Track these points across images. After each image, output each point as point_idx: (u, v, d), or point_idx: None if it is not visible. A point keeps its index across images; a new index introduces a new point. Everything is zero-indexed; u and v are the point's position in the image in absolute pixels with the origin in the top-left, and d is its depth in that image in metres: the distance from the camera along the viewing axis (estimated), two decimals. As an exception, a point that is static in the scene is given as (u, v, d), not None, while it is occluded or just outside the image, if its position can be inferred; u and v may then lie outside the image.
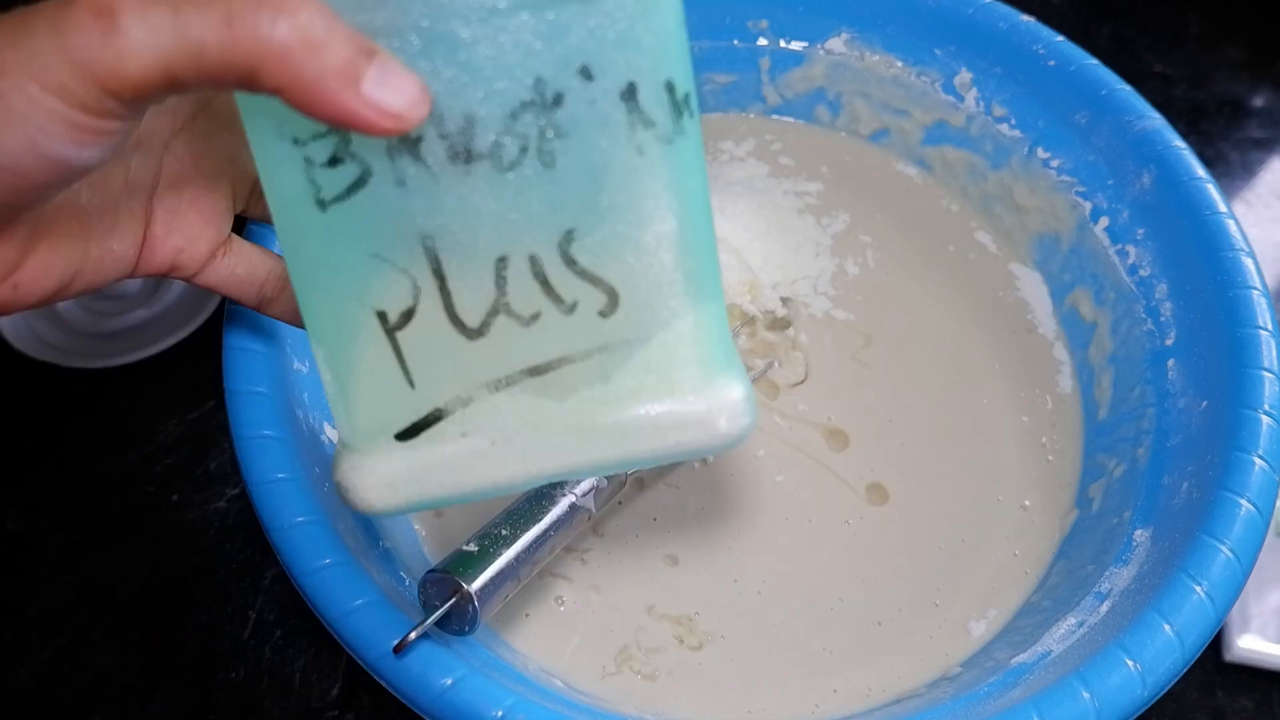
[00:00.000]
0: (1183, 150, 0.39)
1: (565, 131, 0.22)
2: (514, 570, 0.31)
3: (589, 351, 0.24)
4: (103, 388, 0.45)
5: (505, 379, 0.25)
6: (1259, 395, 0.33)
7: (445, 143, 0.22)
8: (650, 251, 0.24)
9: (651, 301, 0.24)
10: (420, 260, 0.24)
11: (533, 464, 0.25)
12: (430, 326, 0.24)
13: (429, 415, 0.25)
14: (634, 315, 0.24)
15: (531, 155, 0.23)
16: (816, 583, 0.37)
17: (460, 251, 0.23)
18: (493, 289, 0.24)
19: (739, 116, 0.49)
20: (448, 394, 0.25)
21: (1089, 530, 0.37)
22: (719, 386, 0.25)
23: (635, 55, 0.22)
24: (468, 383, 0.25)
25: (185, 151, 0.27)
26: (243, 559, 0.40)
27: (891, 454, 0.40)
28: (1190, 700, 0.38)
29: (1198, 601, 0.29)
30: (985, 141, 0.45)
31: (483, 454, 0.25)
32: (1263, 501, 0.31)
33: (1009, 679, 0.31)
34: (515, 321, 0.24)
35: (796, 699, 0.35)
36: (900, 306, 0.44)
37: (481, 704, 0.27)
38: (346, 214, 0.23)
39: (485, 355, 0.24)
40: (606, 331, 0.24)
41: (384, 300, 0.24)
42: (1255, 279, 0.35)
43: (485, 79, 0.22)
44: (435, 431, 0.25)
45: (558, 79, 0.22)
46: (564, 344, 0.24)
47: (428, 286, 0.24)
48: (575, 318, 0.24)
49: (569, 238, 0.23)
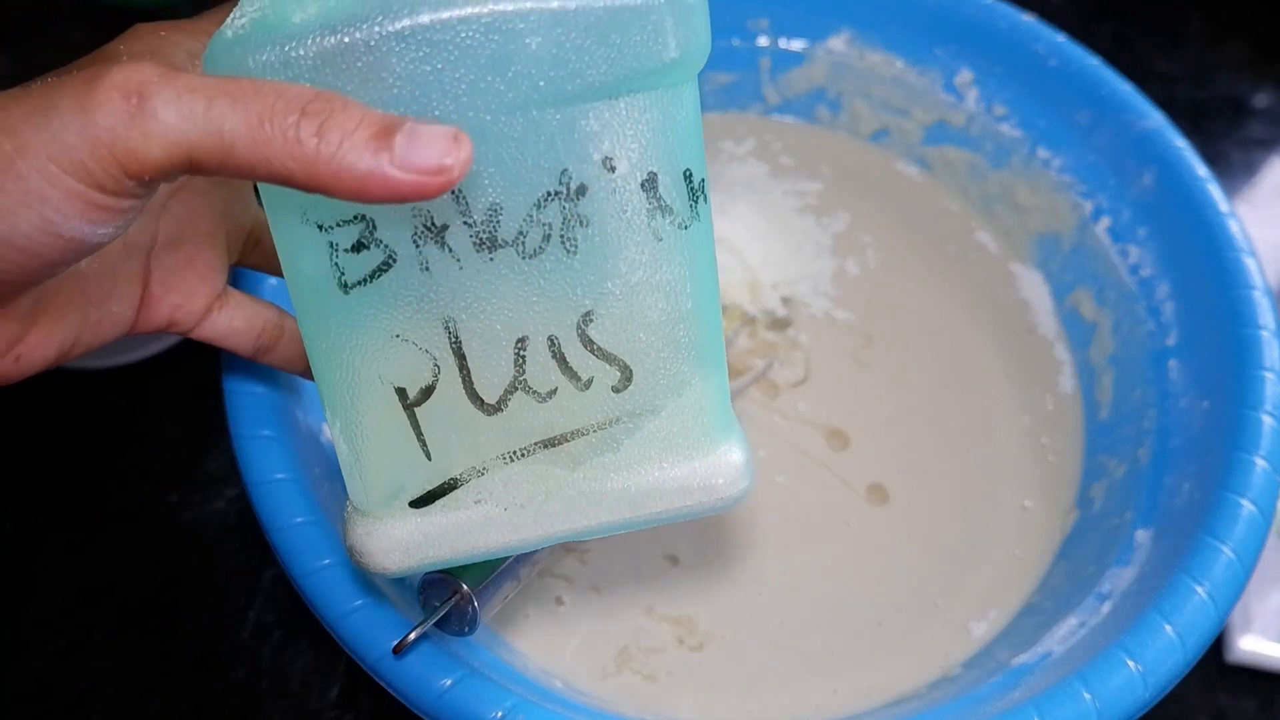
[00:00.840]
0: (1184, 150, 0.39)
1: (588, 220, 0.23)
2: (514, 571, 0.31)
3: (602, 424, 0.25)
4: (103, 388, 0.45)
5: (520, 451, 0.25)
6: (1260, 395, 0.33)
7: (470, 230, 0.23)
8: (663, 330, 0.25)
9: (662, 375, 0.25)
10: (441, 341, 0.24)
11: (544, 528, 0.26)
12: (449, 402, 0.25)
13: (444, 485, 0.25)
14: (646, 389, 0.25)
15: (554, 243, 0.23)
16: (816, 583, 0.37)
17: (481, 333, 0.24)
18: (511, 368, 0.24)
19: (739, 116, 0.49)
20: (463, 465, 0.25)
21: (1090, 531, 0.37)
22: (721, 453, 0.26)
23: (656, 147, 0.23)
24: (483, 455, 0.25)
25: (182, 210, 0.27)
26: (242, 559, 0.40)
27: (892, 454, 0.40)
28: (1192, 701, 0.38)
29: (1199, 602, 0.29)
30: (986, 141, 0.45)
31: (495, 520, 0.26)
32: (1264, 502, 0.31)
33: (1010, 680, 0.31)
34: (532, 398, 0.25)
35: (796, 699, 0.35)
36: (900, 306, 0.44)
37: (481, 705, 0.27)
38: (369, 297, 0.24)
39: (501, 429, 0.25)
40: (619, 405, 0.25)
41: (404, 378, 0.24)
42: (1257, 279, 0.35)
43: (512, 171, 0.22)
44: (449, 500, 0.25)
45: (581, 171, 0.23)
46: (578, 418, 0.25)
47: (447, 366, 0.24)
48: (590, 393, 0.25)
49: (587, 319, 0.24)
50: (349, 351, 0.24)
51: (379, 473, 0.25)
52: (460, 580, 0.29)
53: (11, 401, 0.46)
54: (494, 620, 0.35)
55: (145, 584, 0.40)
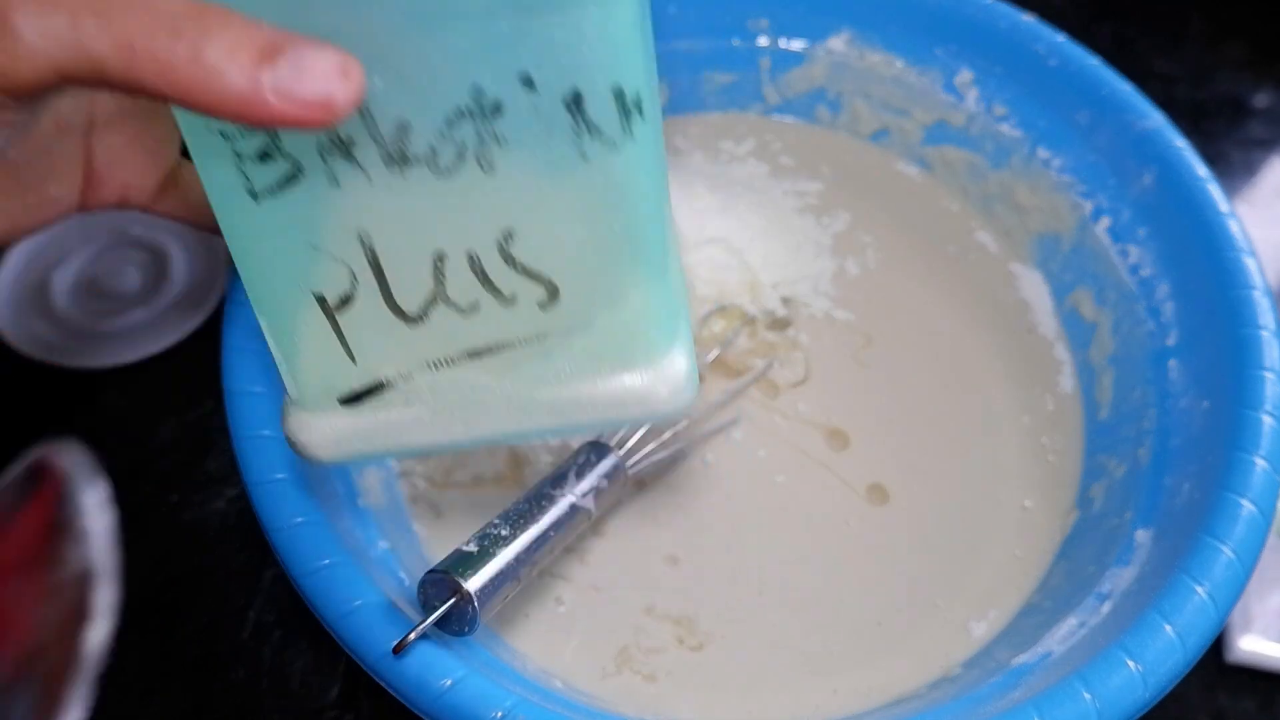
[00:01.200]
0: (1184, 150, 0.39)
1: (505, 139, 0.22)
2: (514, 570, 0.31)
3: (529, 339, 0.25)
4: (102, 388, 0.45)
5: (445, 360, 0.25)
6: (1261, 395, 0.33)
7: (378, 147, 0.22)
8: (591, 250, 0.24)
9: (591, 293, 0.24)
10: (356, 253, 0.24)
11: (473, 431, 0.26)
12: (369, 311, 0.24)
13: (371, 387, 0.26)
14: (574, 306, 0.24)
15: (469, 161, 0.22)
16: (816, 583, 0.37)
17: (397, 247, 0.24)
18: (431, 281, 0.24)
19: (739, 116, 0.49)
20: (389, 370, 0.25)
21: (1090, 531, 0.37)
22: (661, 365, 0.26)
23: (580, 64, 0.21)
24: (408, 362, 0.25)
25: None
26: (242, 559, 0.40)
27: (892, 454, 0.40)
28: (1192, 702, 0.38)
29: (1199, 602, 0.29)
30: (986, 141, 0.45)
31: (424, 421, 0.26)
32: (1264, 502, 0.31)
33: (1010, 680, 0.31)
34: (454, 310, 0.24)
35: (796, 699, 0.34)
36: (901, 306, 0.44)
37: (481, 705, 0.27)
38: (280, 206, 0.23)
39: (425, 339, 0.25)
40: (546, 321, 0.25)
41: (321, 286, 0.24)
42: (1257, 279, 0.35)
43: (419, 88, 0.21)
44: (378, 400, 0.26)
45: (497, 88, 0.22)
46: (503, 331, 0.25)
47: (365, 277, 0.24)
48: (515, 309, 0.24)
49: (508, 237, 0.23)
50: (265, 257, 0.24)
51: (309, 372, 0.26)
52: (460, 580, 0.29)
53: (11, 401, 0.46)
54: (494, 620, 0.35)
55: (145, 584, 0.40)
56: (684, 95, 0.48)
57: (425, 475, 0.39)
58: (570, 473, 0.33)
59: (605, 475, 0.34)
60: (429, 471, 0.39)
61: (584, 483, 0.33)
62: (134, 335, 0.47)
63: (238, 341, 0.34)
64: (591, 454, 0.34)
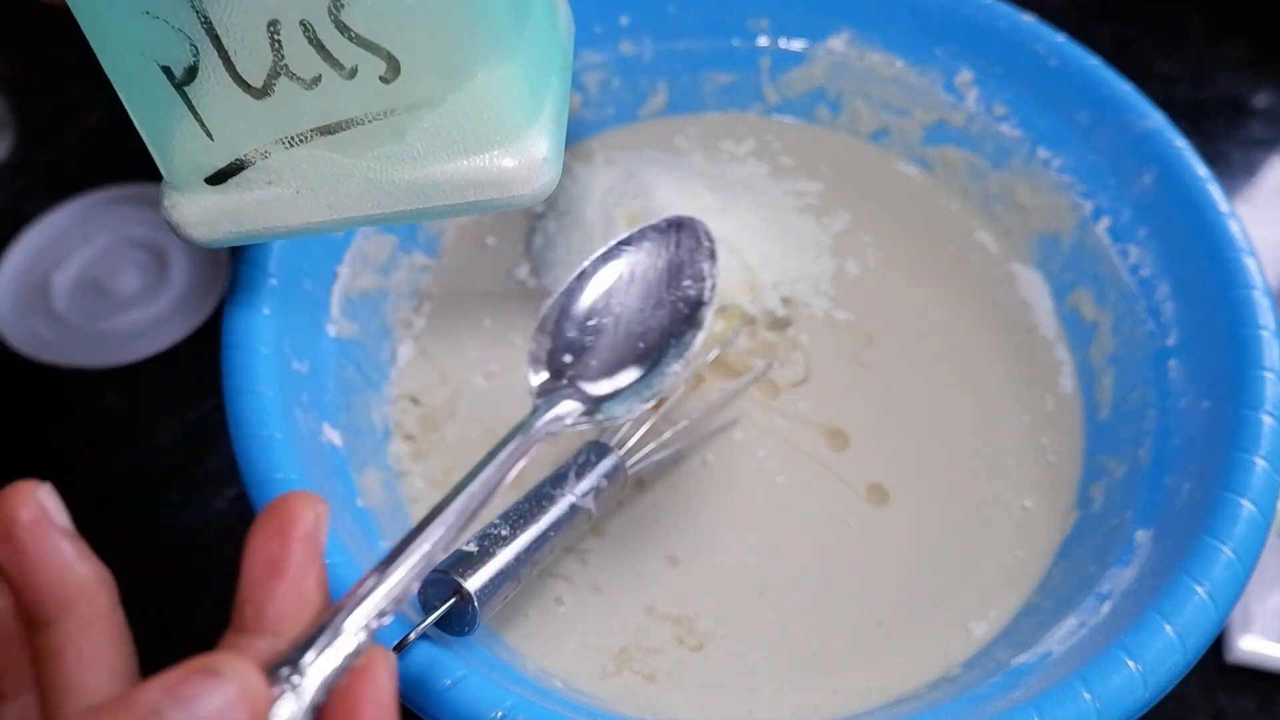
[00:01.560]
0: (1184, 150, 0.39)
1: None
2: (514, 570, 0.31)
3: (376, 114, 0.25)
4: (102, 388, 0.45)
5: (298, 136, 0.26)
6: (1261, 395, 0.33)
7: None
8: (428, 20, 0.24)
9: (434, 67, 0.24)
10: (193, 21, 0.24)
11: (337, 211, 0.27)
12: (216, 84, 0.25)
13: (231, 164, 0.26)
14: (418, 81, 0.25)
15: None
16: (816, 583, 0.37)
17: (230, 15, 0.24)
18: (269, 52, 0.24)
19: (739, 116, 0.49)
20: (245, 147, 0.26)
21: (1090, 531, 0.37)
22: (518, 146, 0.26)
23: None
24: (262, 138, 0.26)
25: None
26: (242, 559, 0.40)
27: (892, 454, 0.40)
28: (1192, 702, 0.38)
29: (1199, 602, 0.29)
30: (986, 141, 0.45)
31: (288, 200, 0.27)
32: (1264, 502, 0.31)
33: (1010, 680, 0.31)
34: (298, 84, 0.25)
35: (796, 699, 0.35)
36: (901, 306, 0.44)
37: (481, 705, 0.27)
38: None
39: (274, 113, 0.25)
40: (391, 96, 0.25)
41: (166, 57, 0.25)
42: (1257, 279, 0.35)
43: None
44: (241, 179, 0.26)
45: None
46: (350, 107, 0.25)
47: (205, 47, 0.24)
48: (357, 82, 0.25)
49: (338, 4, 0.24)
50: (107, 24, 0.24)
51: (174, 151, 0.26)
52: (460, 580, 0.29)
53: (11, 401, 0.46)
54: (494, 620, 0.35)
55: (145, 584, 0.40)
56: (684, 95, 0.48)
57: (425, 475, 0.39)
58: (570, 473, 0.34)
59: (605, 475, 0.34)
60: (429, 471, 0.39)
61: (584, 483, 0.33)
62: (134, 335, 0.47)
63: (238, 341, 0.34)
64: (591, 454, 0.34)
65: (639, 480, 0.38)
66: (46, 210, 0.51)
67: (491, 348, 0.42)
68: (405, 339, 0.42)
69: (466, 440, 0.40)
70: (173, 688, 0.17)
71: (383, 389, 0.40)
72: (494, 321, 0.43)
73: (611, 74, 0.47)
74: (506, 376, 0.41)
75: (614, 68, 0.47)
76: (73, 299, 0.48)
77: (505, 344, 0.42)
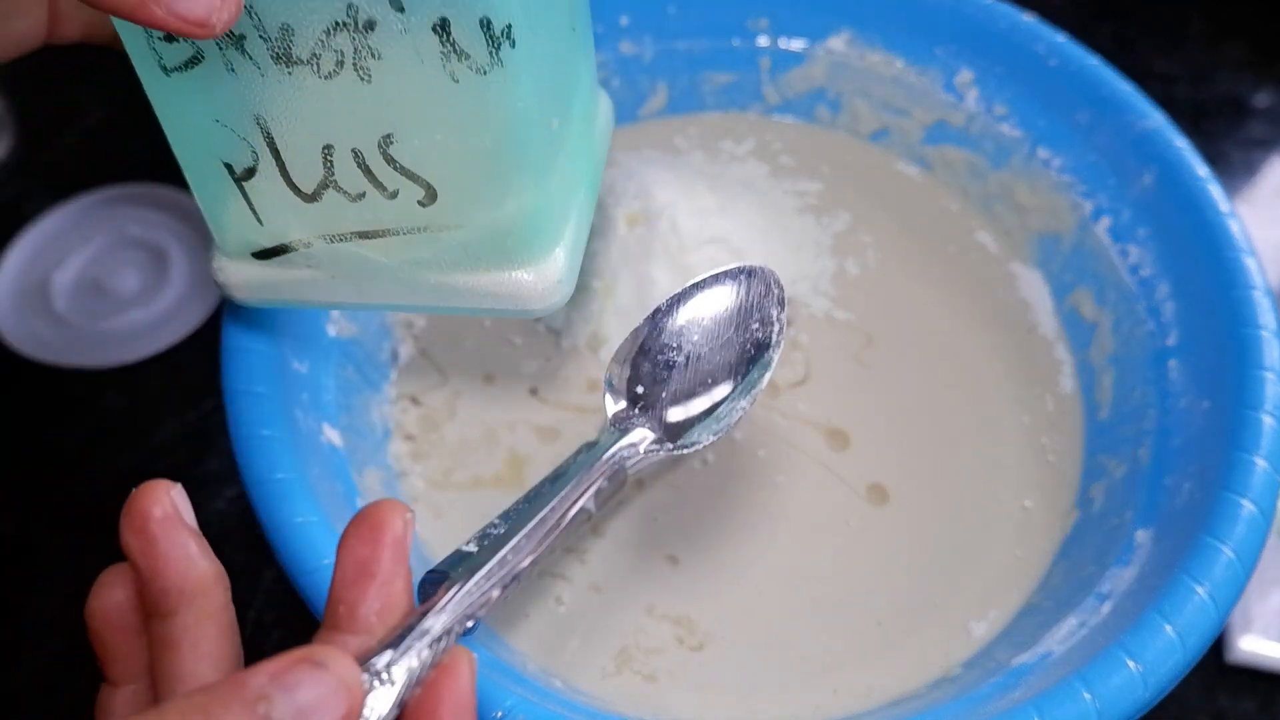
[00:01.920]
0: (1184, 150, 0.39)
1: (379, 54, 0.24)
2: (514, 570, 0.30)
3: (410, 229, 0.28)
4: (102, 388, 0.45)
5: (339, 235, 0.28)
6: (1261, 396, 0.33)
7: (266, 45, 0.24)
8: (465, 161, 0.26)
9: (466, 198, 0.27)
10: (256, 134, 0.26)
11: (365, 297, 0.30)
12: (270, 185, 0.28)
13: (277, 247, 0.29)
14: (451, 207, 0.27)
15: (348, 69, 0.25)
16: (816, 583, 0.37)
17: (290, 134, 0.26)
18: (321, 169, 0.27)
19: (739, 116, 0.49)
20: (291, 236, 0.29)
21: (1090, 531, 0.37)
22: (539, 266, 0.29)
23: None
24: (307, 232, 0.29)
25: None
26: (241, 559, 0.40)
27: (892, 454, 0.40)
28: (1192, 702, 0.38)
29: (1199, 603, 0.29)
30: (986, 141, 0.45)
31: (323, 283, 0.30)
32: (1265, 502, 0.31)
33: (1010, 680, 0.31)
34: (344, 196, 0.27)
35: (796, 699, 0.35)
36: (901, 306, 0.44)
37: (481, 704, 0.27)
38: (187, 83, 0.26)
39: (320, 215, 0.28)
40: (426, 216, 0.28)
41: (229, 157, 0.27)
42: (1257, 279, 0.35)
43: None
44: (284, 259, 0.29)
45: (369, 6, 0.24)
46: (388, 220, 0.28)
47: (264, 155, 0.27)
48: (397, 202, 0.27)
49: (388, 140, 0.26)
50: (181, 124, 0.27)
51: (227, 226, 0.29)
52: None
53: (11, 401, 0.46)
54: (494, 620, 0.35)
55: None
56: (684, 95, 0.48)
57: (425, 475, 0.39)
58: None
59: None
60: (429, 472, 0.39)
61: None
62: (134, 335, 0.47)
63: (238, 341, 0.34)
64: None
65: (639, 480, 0.38)
66: (46, 210, 0.51)
67: (491, 348, 0.42)
68: (405, 339, 0.42)
69: (466, 440, 0.40)
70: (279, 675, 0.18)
71: (383, 389, 0.40)
72: (494, 321, 0.43)
73: (611, 74, 0.47)
74: (506, 376, 0.41)
75: (614, 68, 0.47)
76: (72, 299, 0.48)
77: (505, 344, 0.42)
